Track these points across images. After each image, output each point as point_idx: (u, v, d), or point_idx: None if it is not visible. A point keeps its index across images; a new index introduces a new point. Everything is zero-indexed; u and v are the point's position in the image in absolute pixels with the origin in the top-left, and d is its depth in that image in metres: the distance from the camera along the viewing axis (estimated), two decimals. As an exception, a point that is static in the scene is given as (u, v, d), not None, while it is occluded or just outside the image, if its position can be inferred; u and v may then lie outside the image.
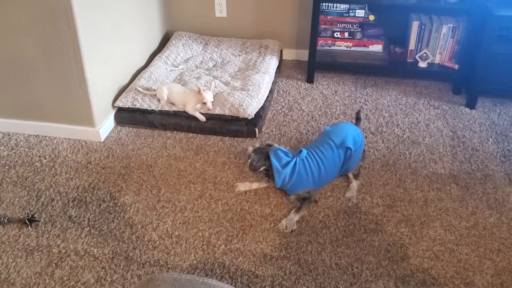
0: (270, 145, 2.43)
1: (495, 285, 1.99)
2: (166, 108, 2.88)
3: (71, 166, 2.63)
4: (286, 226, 2.24)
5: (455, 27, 3.31)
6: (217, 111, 2.83)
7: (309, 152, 2.36)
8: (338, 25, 3.47)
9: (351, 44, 3.52)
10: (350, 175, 2.49)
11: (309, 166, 2.32)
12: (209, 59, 3.48)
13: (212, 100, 2.83)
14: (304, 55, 3.67)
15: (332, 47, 3.54)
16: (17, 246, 2.14)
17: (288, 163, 2.30)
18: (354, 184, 2.47)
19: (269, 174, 2.37)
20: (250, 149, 2.42)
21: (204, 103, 2.81)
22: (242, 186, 2.48)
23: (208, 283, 1.15)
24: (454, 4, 3.19)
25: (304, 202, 2.33)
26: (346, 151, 2.35)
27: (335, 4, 3.38)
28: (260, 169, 2.37)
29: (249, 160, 2.36)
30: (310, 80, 3.48)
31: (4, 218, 2.25)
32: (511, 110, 3.18)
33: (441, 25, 3.32)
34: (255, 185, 2.49)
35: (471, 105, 3.19)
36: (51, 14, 2.44)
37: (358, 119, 2.64)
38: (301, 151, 2.35)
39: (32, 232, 2.22)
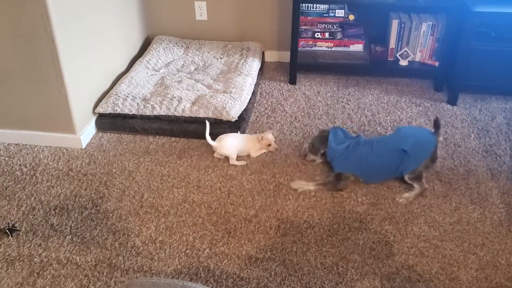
0: (326, 130, 2.62)
1: (480, 279, 2.00)
2: (147, 113, 2.85)
3: (52, 174, 2.60)
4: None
5: (434, 24, 3.33)
6: (201, 114, 2.82)
7: (366, 141, 2.50)
8: (318, 25, 3.47)
9: (332, 44, 3.52)
10: (407, 178, 2.44)
11: (360, 152, 2.46)
12: (191, 62, 3.47)
13: (274, 139, 2.75)
14: (286, 56, 3.67)
15: (313, 48, 3.55)
16: (-3, 257, 2.11)
17: (343, 143, 2.50)
18: (416, 188, 2.43)
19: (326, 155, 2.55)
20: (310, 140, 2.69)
21: (269, 145, 2.72)
22: (296, 185, 2.51)
23: (188, 286, 1.14)
24: (433, 2, 3.21)
25: (334, 182, 2.47)
26: (400, 153, 2.40)
27: (315, 5, 3.39)
28: (321, 151, 2.56)
29: (309, 144, 2.56)
30: (292, 81, 3.48)
31: (-17, 228, 2.22)
32: (492, 105, 3.21)
33: (420, 23, 3.35)
34: (311, 186, 2.49)
35: (452, 101, 3.22)
36: (28, 21, 2.41)
37: (436, 127, 2.47)
38: (359, 136, 2.56)
39: (13, 242, 2.18)
